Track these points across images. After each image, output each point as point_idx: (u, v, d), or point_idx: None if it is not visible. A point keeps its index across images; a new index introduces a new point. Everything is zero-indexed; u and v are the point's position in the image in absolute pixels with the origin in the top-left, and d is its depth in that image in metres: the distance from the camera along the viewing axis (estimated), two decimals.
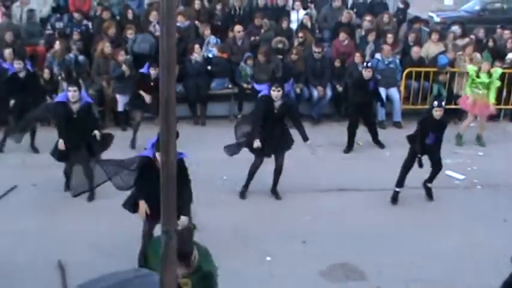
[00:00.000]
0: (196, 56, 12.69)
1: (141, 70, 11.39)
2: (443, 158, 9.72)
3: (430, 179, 9.73)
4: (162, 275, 3.17)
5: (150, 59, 11.46)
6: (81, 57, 13.08)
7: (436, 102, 9.44)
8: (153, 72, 11.01)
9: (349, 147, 11.69)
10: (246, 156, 9.57)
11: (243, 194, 9.72)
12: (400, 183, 9.62)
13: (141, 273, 3.96)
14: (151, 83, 11.01)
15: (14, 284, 7.31)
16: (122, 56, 12.24)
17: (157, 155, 6.93)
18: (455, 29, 15.02)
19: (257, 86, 10.54)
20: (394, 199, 9.68)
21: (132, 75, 12.11)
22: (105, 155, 9.34)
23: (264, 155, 9.49)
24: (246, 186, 9.70)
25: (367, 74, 11.34)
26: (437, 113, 9.29)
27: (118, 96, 12.41)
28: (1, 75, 11.42)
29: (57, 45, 12.69)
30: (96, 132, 9.28)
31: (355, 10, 15.99)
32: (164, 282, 3.17)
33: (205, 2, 15.65)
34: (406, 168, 9.54)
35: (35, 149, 11.11)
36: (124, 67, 12.11)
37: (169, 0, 2.80)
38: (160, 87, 2.84)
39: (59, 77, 12.22)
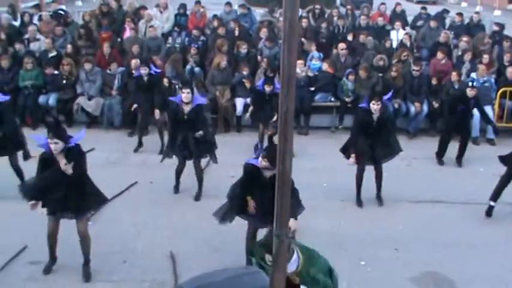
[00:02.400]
0: (299, 71, 12.63)
1: (257, 86, 11.46)
2: None
3: None
4: (273, 276, 3.13)
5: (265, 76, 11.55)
6: (196, 69, 13.34)
7: None
8: (267, 89, 11.03)
9: (440, 158, 11.34)
10: (345, 166, 9.46)
11: (359, 203, 9.53)
12: (495, 197, 9.16)
13: (250, 271, 3.91)
14: (266, 98, 11.08)
15: (133, 269, 7.48)
16: (245, 71, 12.65)
17: (261, 161, 6.89)
18: None
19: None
20: (488, 213, 9.21)
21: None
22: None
23: (364, 164, 9.31)
24: (358, 194, 9.50)
25: (471, 92, 10.91)
26: None
27: (237, 100, 12.60)
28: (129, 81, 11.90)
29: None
30: (200, 132, 9.30)
31: (452, 32, 15.61)
32: (274, 283, 3.13)
33: (311, 20, 15.64)
34: (503, 183, 9.11)
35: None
36: (245, 80, 12.46)
37: (292, 19, 2.75)
38: (280, 100, 2.79)
39: (177, 86, 12.48)
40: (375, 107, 9.10)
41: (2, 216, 8.76)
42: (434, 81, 13.02)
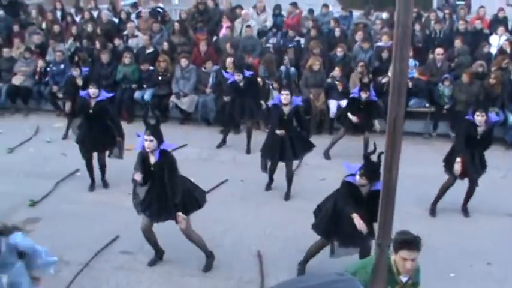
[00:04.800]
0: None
1: (352, 94, 11.26)
2: None
3: None
4: (373, 285, 3.06)
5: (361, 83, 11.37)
6: (292, 70, 13.31)
7: None
8: (363, 96, 10.81)
9: None
10: (437, 174, 9.20)
11: (432, 212, 9.28)
12: None
13: (344, 278, 3.81)
14: (361, 106, 10.87)
15: (220, 266, 7.54)
16: (337, 73, 12.45)
17: (359, 179, 6.76)
18: None
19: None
20: None
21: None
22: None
23: (461, 175, 8.95)
24: (435, 203, 9.27)
25: None
26: None
27: (331, 102, 12.56)
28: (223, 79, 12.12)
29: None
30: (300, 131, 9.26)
31: None
32: None
33: None
34: None
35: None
36: (337, 83, 12.33)
37: (405, 23, 2.65)
38: (389, 107, 2.71)
39: (271, 86, 12.49)
40: (479, 118, 8.69)
41: (97, 207, 9.04)
42: None
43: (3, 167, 10.51)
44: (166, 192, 6.95)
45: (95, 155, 9.71)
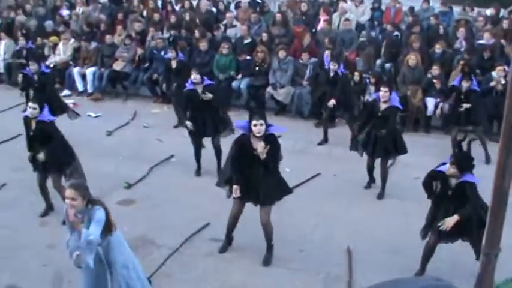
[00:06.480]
0: (496, 76, 11.84)
1: (453, 82, 10.91)
2: None
3: None
4: None
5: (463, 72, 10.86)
6: (387, 65, 13.06)
7: None
8: (465, 85, 10.39)
9: None
10: None
11: None
12: None
13: (442, 284, 3.68)
14: (461, 96, 10.49)
15: (309, 259, 7.48)
16: (436, 70, 12.14)
17: (449, 168, 6.57)
18: None
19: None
20: None
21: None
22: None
23: None
24: None
25: None
26: None
27: (428, 99, 12.26)
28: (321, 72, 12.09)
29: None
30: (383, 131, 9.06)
31: None
32: None
33: None
34: None
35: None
36: (436, 81, 12.03)
37: None
38: (505, 113, 2.57)
39: (367, 81, 12.30)
40: None
41: (190, 193, 9.18)
42: None
43: (102, 149, 10.86)
44: (267, 177, 7.01)
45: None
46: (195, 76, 9.65)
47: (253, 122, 6.87)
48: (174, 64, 12.25)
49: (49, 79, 11.72)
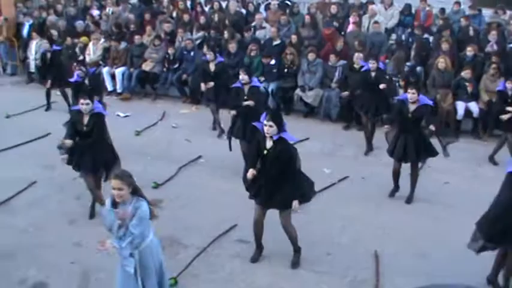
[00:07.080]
0: None
1: (498, 88, 10.77)
2: None
3: None
4: None
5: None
6: (418, 68, 12.95)
7: None
8: (509, 86, 10.29)
9: None
10: None
11: None
12: None
13: None
14: (509, 99, 10.32)
15: (336, 263, 7.43)
16: (467, 74, 11.99)
17: None
18: None
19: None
20: None
21: None
22: None
23: None
24: None
25: None
26: None
27: (458, 103, 12.13)
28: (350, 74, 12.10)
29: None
30: (431, 127, 8.91)
31: None
32: None
33: None
34: None
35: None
36: (467, 84, 11.91)
37: None
38: None
39: (396, 84, 12.21)
40: None
41: (218, 194, 9.20)
42: None
43: (131, 148, 10.91)
44: (277, 180, 6.95)
45: None
46: (243, 76, 9.71)
47: (264, 121, 6.90)
48: (212, 67, 12.02)
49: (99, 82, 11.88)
